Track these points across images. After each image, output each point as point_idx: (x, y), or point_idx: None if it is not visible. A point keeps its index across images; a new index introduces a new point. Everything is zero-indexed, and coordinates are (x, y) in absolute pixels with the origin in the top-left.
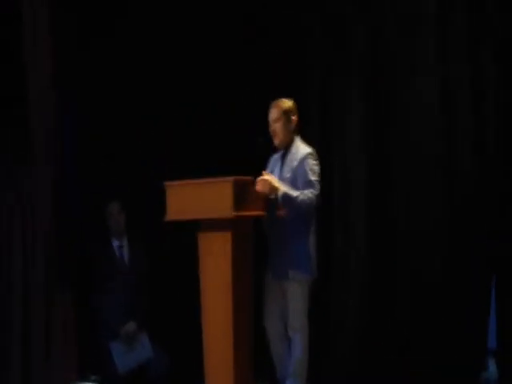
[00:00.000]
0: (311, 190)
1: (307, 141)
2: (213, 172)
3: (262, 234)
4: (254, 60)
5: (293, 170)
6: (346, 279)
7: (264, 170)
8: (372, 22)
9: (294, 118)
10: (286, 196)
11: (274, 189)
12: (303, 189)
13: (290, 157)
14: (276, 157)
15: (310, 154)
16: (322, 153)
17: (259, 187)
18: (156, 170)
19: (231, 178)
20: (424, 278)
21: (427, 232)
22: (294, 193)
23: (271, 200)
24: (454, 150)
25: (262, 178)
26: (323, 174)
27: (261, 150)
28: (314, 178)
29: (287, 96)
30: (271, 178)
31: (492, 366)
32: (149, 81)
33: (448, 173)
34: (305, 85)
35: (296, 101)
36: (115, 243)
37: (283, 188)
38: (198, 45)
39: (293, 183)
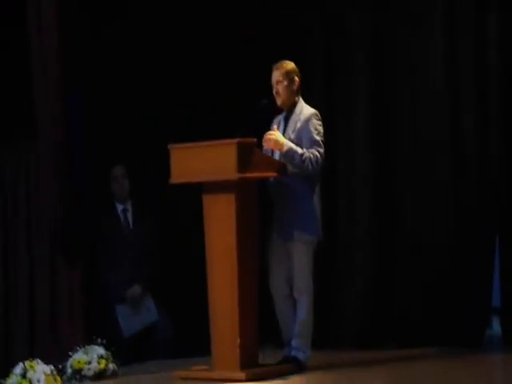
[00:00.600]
0: (316, 148)
1: None
2: (217, 135)
3: (266, 196)
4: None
5: (297, 130)
6: (351, 240)
7: (268, 130)
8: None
9: (296, 79)
10: (290, 151)
11: (280, 144)
12: (307, 147)
13: (293, 117)
14: (279, 118)
15: (314, 114)
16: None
17: (266, 143)
18: (160, 134)
19: (235, 140)
20: (427, 238)
21: (431, 192)
22: (299, 149)
23: (275, 161)
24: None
25: (268, 134)
26: (326, 134)
27: (265, 113)
28: (318, 137)
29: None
30: (277, 134)
31: (496, 324)
32: (152, 46)
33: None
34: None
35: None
36: (119, 207)
37: (289, 144)
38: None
39: (297, 142)
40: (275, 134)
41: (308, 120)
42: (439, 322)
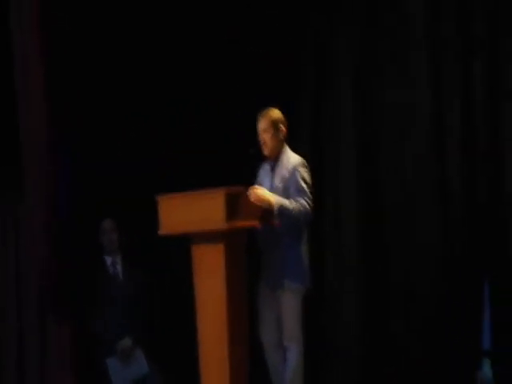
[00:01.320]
0: (305, 198)
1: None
2: (205, 184)
3: (255, 245)
4: (244, 68)
5: (284, 180)
6: (338, 289)
7: (255, 180)
8: (362, 28)
9: (282, 127)
10: (281, 207)
11: (266, 201)
12: (295, 197)
13: (280, 166)
14: (266, 167)
15: (301, 163)
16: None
17: (252, 197)
18: (148, 186)
19: (223, 189)
20: (417, 281)
21: (420, 236)
22: (288, 202)
23: (264, 210)
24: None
25: (253, 189)
26: (314, 182)
27: (253, 161)
28: (306, 186)
29: (279, 102)
30: (262, 191)
31: (486, 367)
32: (137, 96)
33: (440, 180)
34: (297, 93)
35: (287, 107)
36: (108, 260)
37: (276, 198)
38: (184, 54)
39: (284, 192)
40: (261, 191)
41: (295, 169)
42: (429, 365)
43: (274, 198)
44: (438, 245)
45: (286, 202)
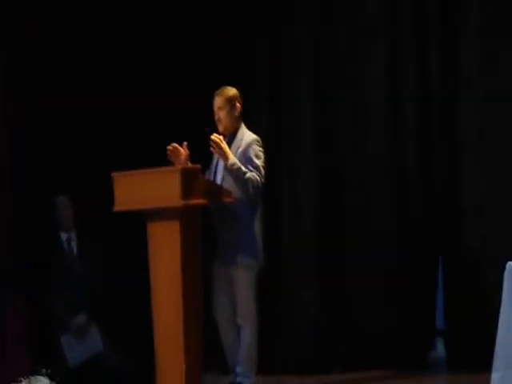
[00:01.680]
0: (257, 173)
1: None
2: (160, 163)
3: (210, 222)
4: (203, 55)
5: (238, 155)
6: (295, 266)
7: (211, 158)
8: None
9: (238, 105)
10: (235, 165)
11: (226, 155)
12: (250, 171)
13: (235, 143)
14: None
15: (255, 140)
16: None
17: (213, 148)
18: (103, 162)
19: (179, 167)
20: (373, 261)
21: (375, 214)
22: (243, 168)
23: (218, 187)
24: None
25: (215, 137)
26: (271, 164)
27: (208, 140)
28: (259, 162)
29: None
30: (224, 144)
31: (440, 346)
32: (95, 72)
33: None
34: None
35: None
36: (64, 236)
37: (234, 158)
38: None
39: None
40: (223, 143)
41: (249, 146)
42: (384, 344)
43: (232, 156)
44: (394, 228)
45: (241, 166)
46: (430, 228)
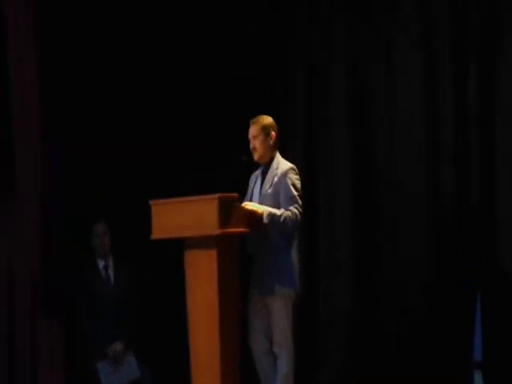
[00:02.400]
0: (295, 205)
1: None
2: (197, 191)
3: (246, 251)
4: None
5: (274, 185)
6: (330, 296)
7: (247, 187)
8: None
9: (273, 133)
10: (269, 214)
11: (255, 212)
12: (285, 204)
13: (270, 172)
14: (256, 173)
15: (291, 168)
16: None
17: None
18: (141, 190)
19: (216, 195)
20: (410, 292)
21: (413, 245)
22: (278, 211)
23: (255, 216)
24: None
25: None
26: (306, 187)
27: (245, 168)
28: (296, 192)
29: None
30: (251, 205)
31: (478, 379)
32: (132, 100)
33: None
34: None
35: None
36: (101, 263)
37: (266, 209)
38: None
39: (274, 198)
40: (250, 206)
41: (285, 174)
42: (421, 376)
43: (263, 209)
44: (431, 254)
45: (275, 212)
46: (467, 256)
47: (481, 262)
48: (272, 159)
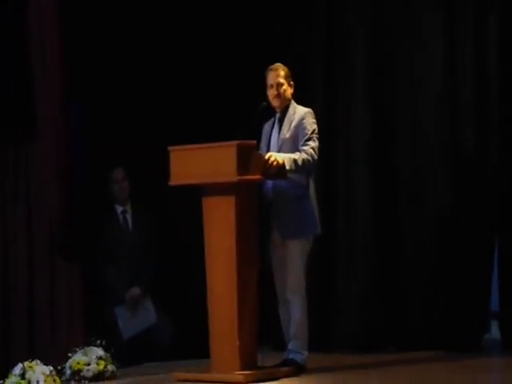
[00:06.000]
0: (311, 146)
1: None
2: (213, 137)
3: (264, 196)
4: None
5: (292, 128)
6: (349, 240)
7: (260, 134)
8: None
9: (292, 83)
10: (290, 161)
11: (279, 163)
12: (302, 145)
13: (288, 117)
14: (270, 122)
15: (308, 112)
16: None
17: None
18: (159, 136)
19: (235, 142)
20: (427, 241)
21: (431, 195)
22: (297, 157)
23: (277, 166)
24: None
25: (268, 161)
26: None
27: (263, 115)
28: (313, 133)
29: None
30: (273, 157)
31: (494, 328)
32: (151, 49)
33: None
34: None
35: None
36: (119, 209)
37: (285, 158)
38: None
39: (292, 141)
40: (273, 157)
41: (303, 118)
42: (438, 326)
43: (283, 158)
44: (450, 205)
45: (294, 158)
46: (486, 209)
47: (500, 213)
48: (288, 107)
